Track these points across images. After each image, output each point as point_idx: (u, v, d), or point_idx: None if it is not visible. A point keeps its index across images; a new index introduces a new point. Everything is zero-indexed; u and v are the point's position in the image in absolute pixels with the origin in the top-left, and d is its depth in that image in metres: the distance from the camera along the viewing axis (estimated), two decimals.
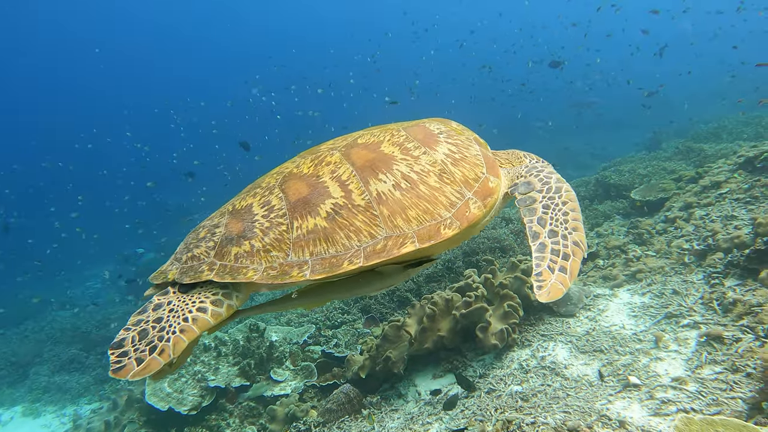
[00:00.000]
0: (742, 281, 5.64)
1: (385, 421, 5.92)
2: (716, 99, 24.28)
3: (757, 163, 8.14)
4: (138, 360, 1.95)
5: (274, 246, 2.28)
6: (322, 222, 2.32)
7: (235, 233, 2.33)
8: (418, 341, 6.30)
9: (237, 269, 2.24)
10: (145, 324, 2.11)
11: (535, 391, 5.19)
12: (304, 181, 2.45)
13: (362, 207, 2.37)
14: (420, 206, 2.43)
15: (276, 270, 2.23)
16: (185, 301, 2.24)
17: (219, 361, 7.96)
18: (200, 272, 2.26)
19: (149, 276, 2.51)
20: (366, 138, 2.69)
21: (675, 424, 3.03)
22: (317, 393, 7.25)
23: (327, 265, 2.25)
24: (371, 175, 2.46)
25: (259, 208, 2.41)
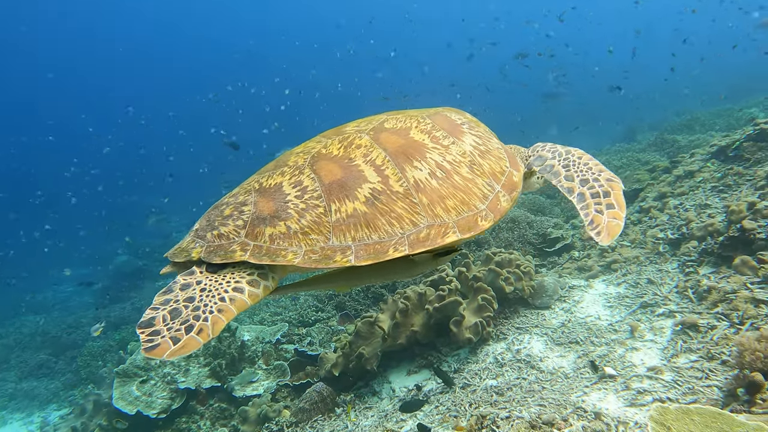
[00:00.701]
0: (717, 269, 5.59)
1: (359, 420, 5.77)
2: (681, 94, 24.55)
3: (729, 152, 8.14)
4: (173, 339, 1.84)
5: (312, 228, 2.19)
6: (362, 207, 2.25)
7: (267, 213, 2.22)
8: (391, 337, 6.15)
9: (275, 251, 2.14)
10: (175, 303, 1.98)
11: (510, 384, 5.08)
12: (335, 162, 2.38)
13: (401, 194, 2.32)
14: (457, 196, 2.41)
15: (317, 254, 2.15)
16: (218, 281, 2.12)
17: (189, 362, 7.74)
18: (232, 252, 2.14)
19: (166, 253, 2.39)
20: (392, 123, 2.65)
21: (650, 414, 2.92)
22: (290, 392, 7.07)
23: (372, 252, 2.19)
24: (406, 161, 2.42)
25: (290, 188, 2.31)
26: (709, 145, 9.00)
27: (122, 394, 7.17)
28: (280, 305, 10.15)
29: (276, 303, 10.44)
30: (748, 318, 4.58)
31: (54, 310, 17.00)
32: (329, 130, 2.77)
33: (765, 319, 4.49)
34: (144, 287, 17.48)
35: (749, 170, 7.37)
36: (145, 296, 15.88)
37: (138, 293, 16.71)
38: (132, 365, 7.60)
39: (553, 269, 7.82)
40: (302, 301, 9.66)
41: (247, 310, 2.38)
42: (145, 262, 19.26)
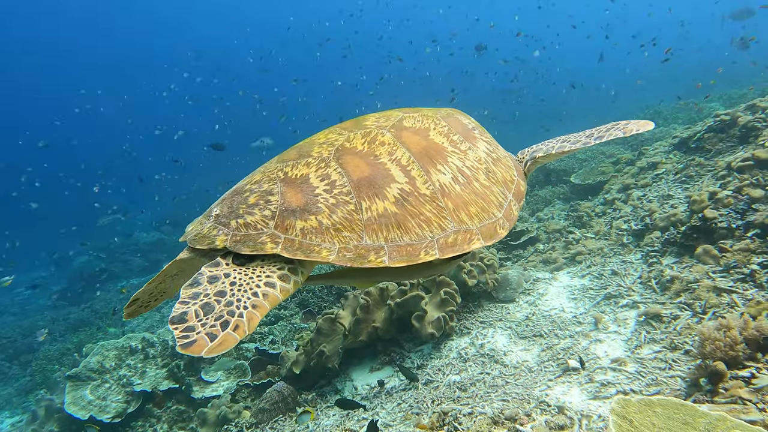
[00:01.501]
0: (679, 258, 5.56)
1: (320, 419, 5.59)
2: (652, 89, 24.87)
3: (691, 144, 8.16)
4: (210, 335, 1.74)
5: (344, 226, 2.13)
6: (392, 207, 2.21)
7: (296, 205, 2.14)
8: (352, 334, 5.99)
9: (308, 246, 2.06)
10: (206, 298, 1.87)
11: (473, 380, 4.97)
12: (361, 158, 2.33)
13: (428, 197, 2.30)
14: (478, 203, 2.43)
15: (352, 252, 2.09)
16: (248, 274, 2.01)
17: (146, 363, 7.46)
18: (262, 244, 2.04)
19: (181, 237, 2.27)
20: (410, 122, 2.62)
21: (612, 407, 2.81)
22: (251, 392, 6.85)
23: (404, 254, 2.16)
24: (429, 164, 2.40)
25: (317, 180, 2.23)
26: (671, 137, 9.03)
27: (74, 398, 6.87)
28: None
29: None
30: (711, 307, 4.54)
31: (7, 314, 16.39)
32: (346, 121, 2.72)
33: (727, 307, 4.44)
34: (104, 289, 17.01)
35: (710, 161, 7.39)
36: (105, 298, 15.44)
37: (97, 295, 16.23)
38: (85, 368, 7.29)
39: (518, 262, 7.75)
40: None
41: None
42: (106, 263, 18.74)
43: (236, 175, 3.26)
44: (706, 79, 16.99)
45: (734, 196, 5.51)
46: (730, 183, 5.94)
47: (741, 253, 4.89)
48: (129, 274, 18.26)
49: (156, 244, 19.98)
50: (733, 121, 7.69)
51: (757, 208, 5.21)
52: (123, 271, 18.42)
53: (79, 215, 22.60)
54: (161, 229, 21.79)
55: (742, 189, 5.56)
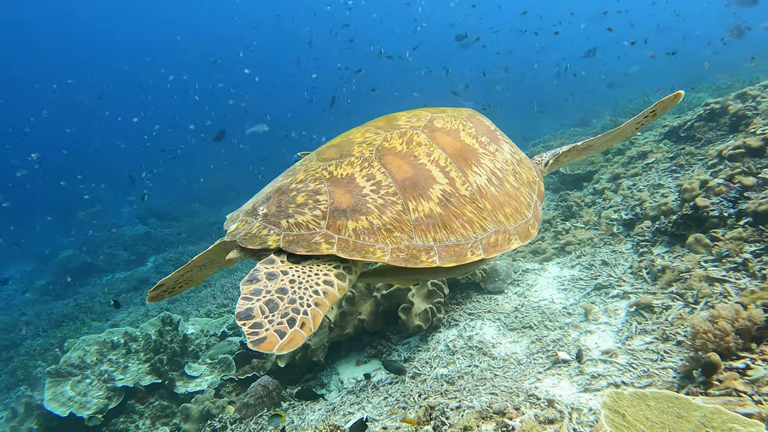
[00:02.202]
0: (670, 248, 5.46)
1: (305, 414, 5.47)
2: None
3: (681, 133, 8.08)
4: (279, 332, 1.77)
5: (395, 226, 2.16)
6: (437, 208, 2.25)
7: (346, 205, 2.17)
8: (338, 326, 5.86)
9: (363, 247, 2.08)
10: (268, 294, 1.89)
11: (461, 373, 4.85)
12: (402, 159, 2.37)
13: (468, 198, 2.35)
14: (511, 204, 2.49)
15: (404, 253, 2.12)
16: (307, 273, 2.04)
17: (129, 358, 7.30)
18: (317, 244, 2.07)
19: (231, 236, 2.26)
20: (441, 122, 2.65)
21: (603, 400, 2.70)
22: (235, 387, 6.72)
23: (452, 254, 2.20)
24: (465, 165, 2.45)
25: (363, 180, 2.26)
26: (661, 126, 8.95)
27: (54, 394, 6.70)
28: (228, 296, 9.75)
29: (224, 294, 10.05)
30: (703, 297, 4.44)
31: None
32: (377, 120, 2.73)
33: (720, 297, 4.35)
34: (89, 283, 16.79)
35: (701, 150, 7.30)
36: (89, 292, 15.22)
37: (82, 289, 16.00)
38: (66, 364, 7.12)
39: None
40: None
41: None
42: (91, 257, 18.49)
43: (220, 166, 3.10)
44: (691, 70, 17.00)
45: (726, 184, 5.42)
46: (722, 171, 5.85)
47: (733, 241, 4.80)
48: (114, 267, 18.03)
49: (142, 237, 19.74)
50: (723, 109, 7.61)
51: (749, 196, 5.12)
52: (108, 264, 18.18)
53: (62, 209, 22.35)
54: (147, 223, 21.55)
55: (733, 177, 5.46)
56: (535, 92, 26.95)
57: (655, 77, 22.21)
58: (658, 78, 21.69)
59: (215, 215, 21.51)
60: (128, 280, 15.74)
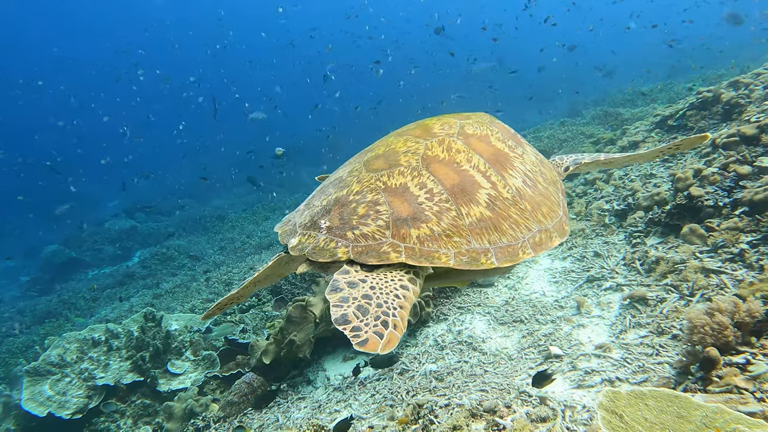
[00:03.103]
0: (664, 239, 5.33)
1: (291, 411, 5.31)
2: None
3: (672, 122, 7.96)
4: (378, 334, 1.87)
5: (453, 231, 2.24)
6: (486, 211, 2.34)
7: (406, 214, 2.25)
8: (324, 322, 5.70)
9: (429, 253, 2.17)
10: (355, 301, 1.99)
11: (450, 369, 4.71)
12: (447, 166, 2.45)
13: (510, 200, 2.44)
14: (546, 203, 2.58)
15: (465, 256, 2.20)
16: (383, 279, 2.13)
17: (110, 356, 7.10)
18: (386, 254, 2.16)
19: (303, 251, 2.30)
20: (471, 129, 2.74)
21: (600, 400, 2.56)
22: (220, 384, 6.55)
23: (507, 254, 2.29)
24: (502, 169, 2.54)
25: (417, 189, 2.35)
26: (652, 116, 8.83)
27: (33, 394, 6.50)
28: (213, 291, 9.55)
29: (209, 289, 9.85)
30: (699, 289, 4.32)
31: None
32: (411, 128, 2.82)
33: (716, 289, 4.22)
34: (75, 278, 16.52)
35: None
36: (74, 288, 14.96)
37: (66, 284, 15.74)
38: (44, 362, 6.91)
39: None
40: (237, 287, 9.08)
41: None
42: (77, 252, 18.20)
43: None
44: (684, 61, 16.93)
45: (720, 173, 5.29)
46: (716, 160, 5.73)
47: (729, 232, 4.67)
48: (100, 263, 17.76)
49: (128, 231, 19.45)
50: (715, 98, 7.51)
51: (745, 185, 5.00)
52: (94, 260, 17.91)
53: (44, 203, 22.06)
54: (134, 217, 21.27)
55: (728, 166, 5.34)
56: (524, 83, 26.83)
57: (644, 68, 22.19)
58: (646, 68, 21.68)
59: (202, 209, 21.24)
60: (114, 275, 15.49)
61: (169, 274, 14.07)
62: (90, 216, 22.81)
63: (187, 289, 11.02)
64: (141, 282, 14.03)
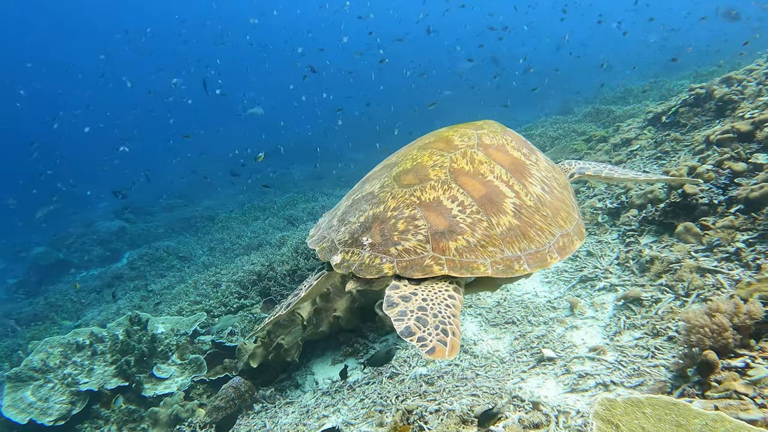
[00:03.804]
0: (658, 237, 5.23)
1: (278, 417, 5.19)
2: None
3: (665, 118, 7.88)
4: (441, 342, 1.95)
5: (487, 241, 2.32)
6: (514, 220, 2.41)
7: (443, 228, 2.33)
8: (312, 324, 5.57)
9: (468, 264, 2.26)
10: (412, 313, 2.07)
11: (441, 372, 4.59)
12: (473, 178, 2.53)
13: (533, 207, 2.51)
14: (563, 208, 2.65)
15: (500, 265, 2.29)
16: (431, 291, 2.21)
17: (94, 360, 6.94)
18: (429, 267, 2.24)
19: (355, 269, 2.37)
20: (488, 139, 2.80)
21: (595, 409, 2.44)
22: (207, 389, 6.41)
23: (537, 260, 2.36)
24: (521, 177, 2.61)
25: (449, 202, 2.42)
26: (645, 113, 8.75)
27: (14, 401, 6.32)
28: (201, 293, 9.39)
29: (197, 290, 9.69)
30: (695, 289, 4.22)
31: None
32: (432, 142, 2.84)
33: (712, 289, 4.12)
34: (62, 280, 16.30)
35: (686, 135, 7.11)
36: (61, 290, 14.75)
37: (54, 287, 15.52)
38: (26, 368, 6.73)
39: None
40: (224, 288, 8.93)
41: None
42: (65, 254, 17.96)
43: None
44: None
45: (715, 170, 5.20)
46: (710, 157, 5.64)
47: (724, 230, 4.57)
48: (88, 264, 17.53)
49: (117, 232, 19.22)
50: (708, 94, 7.42)
51: (740, 182, 4.90)
52: (82, 261, 17.68)
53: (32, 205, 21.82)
54: (123, 217, 21.04)
55: (723, 163, 5.24)
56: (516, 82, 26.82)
57: (637, 64, 22.18)
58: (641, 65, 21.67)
59: (191, 209, 21.04)
60: (102, 277, 15.28)
61: (157, 276, 13.89)
62: (80, 217, 22.57)
63: (175, 290, 10.86)
64: (129, 284, 13.85)
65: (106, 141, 31.59)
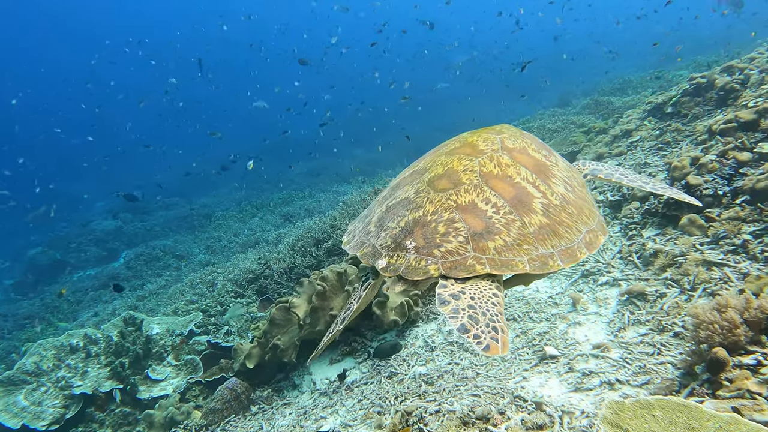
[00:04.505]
0: (662, 230, 5.10)
1: (275, 418, 5.07)
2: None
3: (666, 109, 7.75)
4: (494, 339, 2.05)
5: (522, 240, 2.40)
6: (543, 219, 2.49)
7: (480, 229, 2.41)
8: (308, 324, 5.43)
9: (507, 262, 2.35)
10: (463, 311, 2.16)
11: (441, 371, 4.47)
12: (503, 181, 2.61)
13: (559, 206, 2.59)
14: (586, 206, 2.74)
15: (536, 261, 2.36)
16: (477, 289, 2.30)
17: (88, 363, 6.81)
18: (471, 267, 2.32)
19: (401, 271, 2.43)
20: (510, 143, 2.89)
21: (602, 413, 2.32)
22: (203, 390, 6.29)
23: (568, 256, 2.44)
24: (545, 178, 2.70)
25: (483, 204, 2.50)
26: (645, 104, 8.62)
27: (6, 405, 6.20)
28: (196, 292, 9.26)
29: (193, 290, 9.56)
30: (701, 283, 4.10)
31: None
32: (458, 147, 2.92)
33: (719, 283, 4.00)
34: (59, 281, 16.16)
35: (688, 126, 6.98)
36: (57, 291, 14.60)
37: (50, 287, 15.38)
38: (20, 371, 6.61)
39: None
40: (220, 287, 8.81)
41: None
42: (61, 254, 17.82)
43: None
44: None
45: (719, 160, 5.07)
46: (713, 147, 5.51)
47: (730, 222, 4.45)
48: (85, 264, 17.40)
49: (114, 232, 19.08)
50: (709, 83, 7.29)
51: (745, 172, 4.78)
52: (79, 261, 17.54)
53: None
54: (119, 217, 20.90)
55: (726, 153, 5.11)
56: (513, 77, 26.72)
57: (632, 58, 22.07)
58: (635, 59, 21.53)
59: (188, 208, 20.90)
60: (98, 277, 15.16)
61: (154, 275, 13.79)
62: (76, 217, 22.44)
63: (170, 290, 10.73)
64: (125, 283, 13.72)
65: (106, 143, 31.57)
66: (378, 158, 21.31)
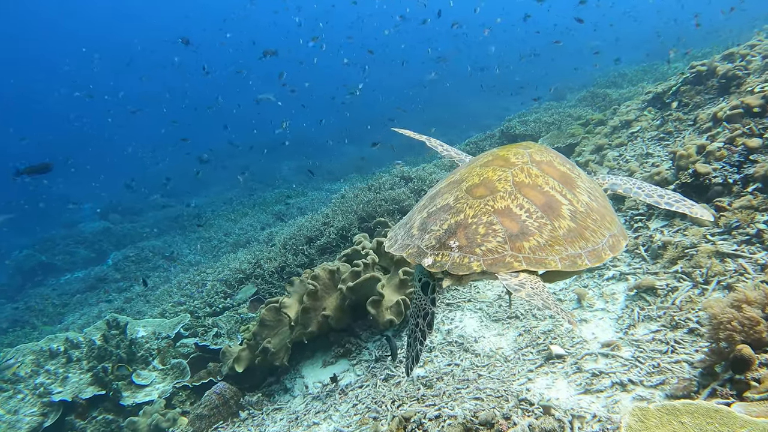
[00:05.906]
0: (669, 221, 4.88)
1: (265, 425, 4.82)
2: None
3: (666, 98, 7.53)
4: (568, 319, 2.15)
5: (553, 241, 2.56)
6: (571, 223, 2.66)
7: (516, 231, 2.58)
8: (300, 325, 5.17)
9: (541, 260, 2.51)
10: (537, 295, 2.33)
11: (440, 373, 4.23)
12: (533, 189, 2.78)
13: (584, 213, 2.76)
14: (608, 214, 2.91)
15: (567, 260, 2.53)
16: (531, 281, 2.46)
17: (69, 368, 6.53)
18: (509, 264, 2.49)
19: (447, 267, 2.58)
20: (538, 156, 3.07)
21: (627, 421, 2.09)
22: (190, 395, 6.02)
23: (594, 256, 2.60)
24: (571, 188, 2.88)
25: (518, 209, 2.67)
26: (644, 93, 8.40)
27: None
28: (185, 293, 8.98)
29: (181, 291, 9.28)
30: (714, 275, 3.87)
31: None
32: (492, 159, 3.08)
33: (734, 275, 3.77)
34: (45, 284, 15.83)
35: (689, 115, 6.76)
36: (43, 294, 14.29)
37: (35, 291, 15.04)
38: None
39: None
40: (209, 288, 8.53)
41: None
42: (47, 256, 17.46)
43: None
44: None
45: (727, 147, 4.85)
46: (720, 134, 5.29)
47: (742, 211, 4.22)
48: (73, 266, 17.06)
49: (102, 233, 18.74)
50: (710, 71, 7.09)
51: (756, 158, 4.56)
52: (66, 263, 17.20)
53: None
54: (108, 218, 20.55)
55: (735, 139, 4.90)
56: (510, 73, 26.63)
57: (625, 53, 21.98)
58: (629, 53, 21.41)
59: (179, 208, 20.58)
60: (86, 280, 14.83)
61: (142, 276, 13.46)
62: (63, 218, 22.07)
63: (158, 291, 10.44)
64: (113, 285, 13.42)
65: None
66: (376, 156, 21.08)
